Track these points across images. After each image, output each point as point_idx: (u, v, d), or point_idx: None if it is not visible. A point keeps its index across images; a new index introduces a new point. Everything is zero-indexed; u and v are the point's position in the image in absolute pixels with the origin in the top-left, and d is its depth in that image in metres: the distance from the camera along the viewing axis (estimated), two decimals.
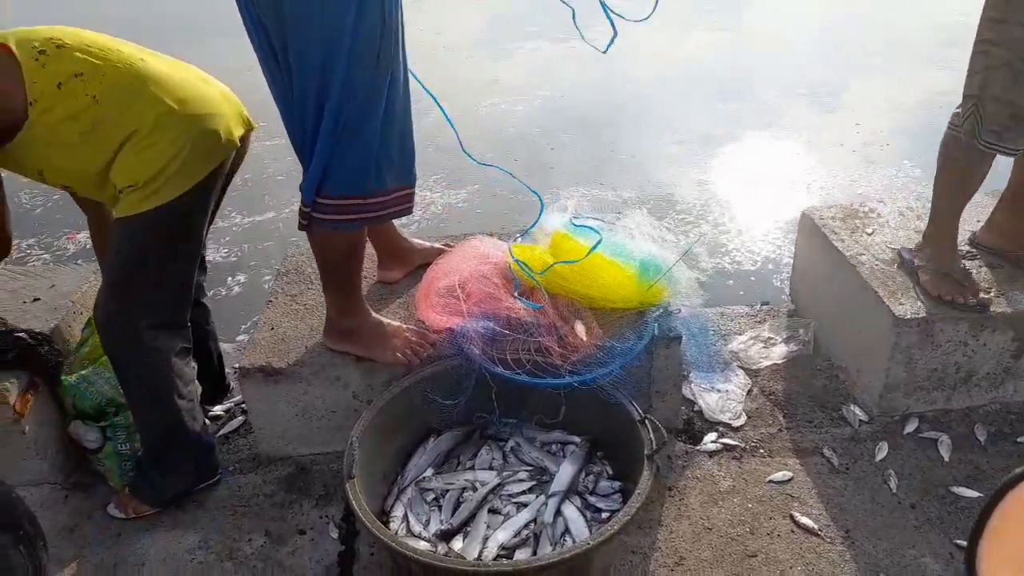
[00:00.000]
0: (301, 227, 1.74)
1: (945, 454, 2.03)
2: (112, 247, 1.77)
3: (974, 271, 2.14)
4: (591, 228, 2.03)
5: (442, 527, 1.69)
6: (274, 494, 1.99)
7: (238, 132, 1.80)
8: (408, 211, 1.79)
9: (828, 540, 1.82)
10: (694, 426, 2.14)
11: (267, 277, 3.52)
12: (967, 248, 2.23)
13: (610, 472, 1.85)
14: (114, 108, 1.63)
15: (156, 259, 1.75)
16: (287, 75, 1.58)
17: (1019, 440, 2.06)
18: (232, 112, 1.80)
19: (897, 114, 5.09)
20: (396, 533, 1.68)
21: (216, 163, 1.74)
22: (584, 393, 1.76)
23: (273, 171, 4.51)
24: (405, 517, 1.73)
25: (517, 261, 1.96)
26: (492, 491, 1.74)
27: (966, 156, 1.99)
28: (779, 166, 4.52)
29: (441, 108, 1.87)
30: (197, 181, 1.70)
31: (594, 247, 1.94)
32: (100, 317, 1.77)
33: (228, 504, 1.96)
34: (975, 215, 2.40)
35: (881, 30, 6.95)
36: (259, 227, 3.96)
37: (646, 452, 1.62)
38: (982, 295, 2.05)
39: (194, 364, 1.93)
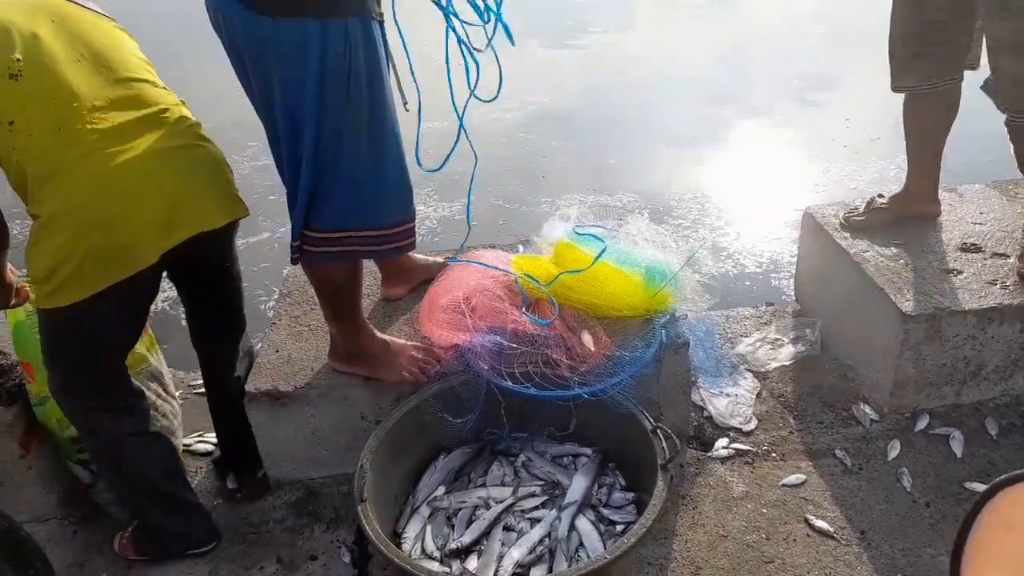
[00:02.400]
0: (293, 261, 1.71)
1: (958, 450, 2.02)
2: None
3: (978, 263, 2.14)
4: (595, 236, 2.02)
5: (455, 546, 1.67)
6: (284, 519, 1.96)
7: (169, 241, 1.58)
8: (410, 247, 1.74)
9: (844, 542, 1.80)
10: (705, 432, 2.13)
11: (263, 298, 3.50)
12: (971, 242, 2.22)
13: (623, 483, 1.83)
14: (32, 183, 1.49)
15: (71, 351, 1.63)
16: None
17: None
18: (164, 219, 1.56)
19: (886, 106, 5.08)
20: (410, 555, 1.66)
21: (120, 277, 1.54)
22: (594, 404, 1.74)
23: (264, 191, 4.49)
24: (418, 538, 1.71)
25: (528, 277, 1.94)
26: (507, 509, 1.72)
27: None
28: (772, 164, 4.53)
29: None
30: (96, 291, 1.52)
31: (599, 256, 1.92)
32: (50, 388, 1.72)
33: (238, 531, 1.94)
34: (977, 208, 2.40)
35: (867, 17, 6.96)
36: (254, 249, 3.94)
37: (660, 462, 1.61)
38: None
39: (176, 443, 1.88)
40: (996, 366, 2.10)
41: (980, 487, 1.90)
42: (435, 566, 1.64)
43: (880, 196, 2.38)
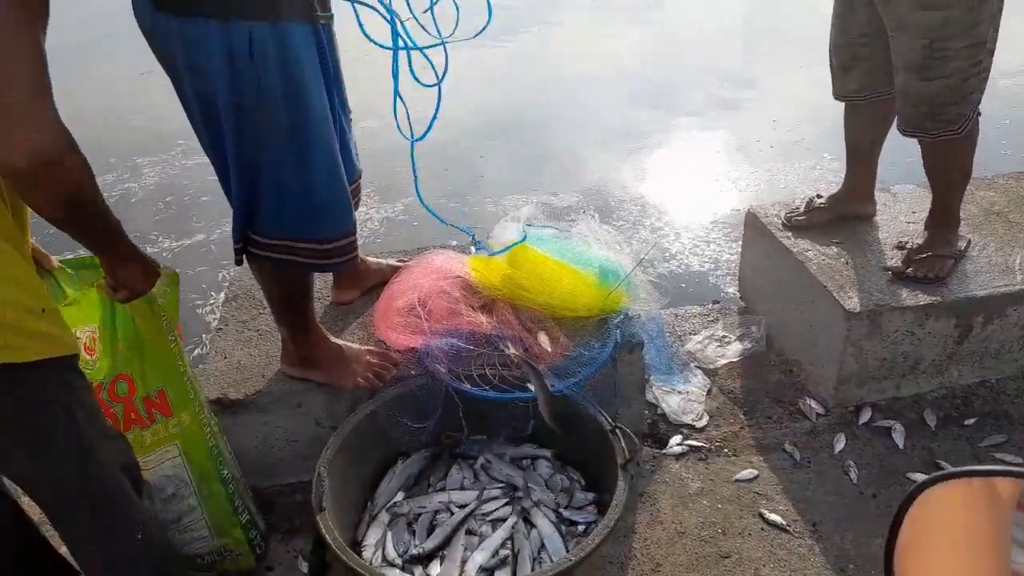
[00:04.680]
0: (236, 262, 1.66)
1: (899, 441, 2.09)
2: None
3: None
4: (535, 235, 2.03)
5: (417, 552, 1.64)
6: None
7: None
8: (351, 262, 1.69)
9: (797, 535, 1.85)
10: (659, 429, 2.15)
11: (200, 303, 3.38)
12: (905, 240, 2.30)
13: (582, 483, 1.83)
14: None
15: None
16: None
17: (966, 423, 2.14)
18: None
19: (809, 108, 5.24)
20: (370, 563, 1.62)
21: None
22: (553, 405, 1.74)
23: (196, 191, 4.35)
24: (379, 545, 1.67)
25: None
26: (470, 513, 1.70)
27: None
28: (704, 164, 4.60)
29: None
30: None
31: (515, 244, 1.94)
32: None
33: None
34: (910, 207, 2.50)
35: (790, 23, 7.18)
36: (189, 251, 3.79)
37: (620, 462, 1.61)
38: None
39: None
40: (932, 360, 2.19)
41: (923, 477, 1.97)
42: (396, 573, 1.61)
43: (819, 196, 2.45)
